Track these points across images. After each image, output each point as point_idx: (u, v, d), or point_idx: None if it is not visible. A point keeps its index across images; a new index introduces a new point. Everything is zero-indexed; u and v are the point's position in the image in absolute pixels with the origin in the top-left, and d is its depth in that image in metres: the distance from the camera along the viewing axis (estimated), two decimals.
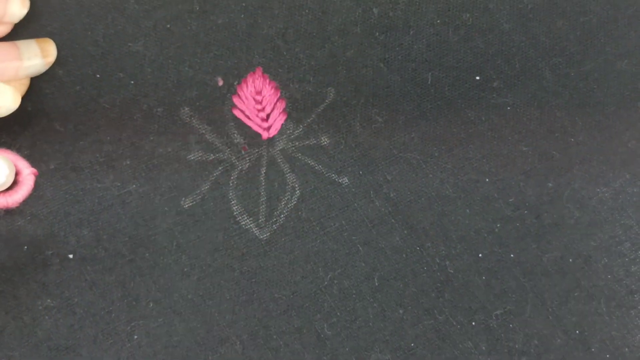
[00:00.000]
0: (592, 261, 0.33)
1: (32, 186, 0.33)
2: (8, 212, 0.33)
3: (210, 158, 0.34)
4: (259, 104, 0.34)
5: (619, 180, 0.33)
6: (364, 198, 0.33)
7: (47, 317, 0.32)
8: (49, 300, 0.32)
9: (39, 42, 0.33)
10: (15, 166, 0.33)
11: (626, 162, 0.34)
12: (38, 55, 0.33)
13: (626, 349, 0.32)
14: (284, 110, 0.34)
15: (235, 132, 0.34)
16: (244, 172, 0.33)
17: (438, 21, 0.35)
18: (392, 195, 0.33)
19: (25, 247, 0.33)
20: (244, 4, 0.35)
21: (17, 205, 0.33)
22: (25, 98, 0.34)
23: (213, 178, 0.33)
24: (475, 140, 0.34)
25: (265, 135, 0.34)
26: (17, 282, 0.32)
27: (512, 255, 0.33)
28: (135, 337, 0.32)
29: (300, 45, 0.34)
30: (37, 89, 0.34)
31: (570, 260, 0.33)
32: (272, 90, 0.34)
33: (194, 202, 0.33)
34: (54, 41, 0.33)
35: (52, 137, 0.34)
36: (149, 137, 0.34)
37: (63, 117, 0.34)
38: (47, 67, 0.34)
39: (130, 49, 0.34)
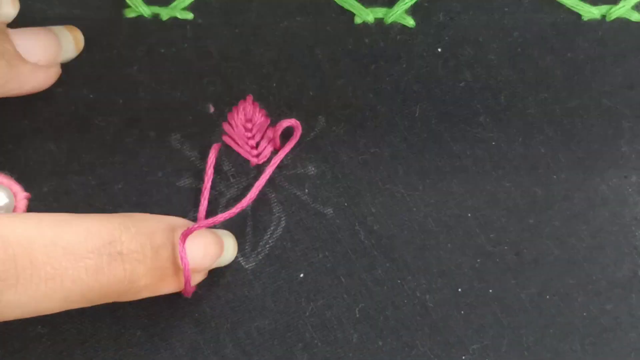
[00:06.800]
0: (569, 298, 0.33)
1: (25, 210, 0.33)
2: None
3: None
4: (249, 131, 0.34)
5: (598, 218, 0.33)
6: (348, 230, 0.33)
7: (36, 344, 0.32)
8: (39, 327, 0.32)
9: (69, 30, 0.33)
10: (10, 190, 0.33)
11: (606, 201, 0.34)
12: (72, 42, 0.33)
13: None
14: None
15: (225, 159, 0.34)
16: (232, 200, 0.34)
17: (427, 53, 0.35)
18: (375, 227, 0.33)
19: None
20: (237, 31, 0.35)
21: None
22: (21, 115, 0.34)
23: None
24: (459, 175, 0.34)
25: (254, 161, 0.34)
26: None
27: (491, 291, 0.33)
28: None
29: (291, 74, 0.35)
30: (33, 106, 0.34)
31: (548, 297, 0.33)
32: (263, 119, 0.34)
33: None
34: None
35: (46, 157, 0.34)
36: (140, 161, 0.34)
37: (57, 137, 0.34)
38: (75, 55, 0.34)
39: (124, 73, 0.34)
